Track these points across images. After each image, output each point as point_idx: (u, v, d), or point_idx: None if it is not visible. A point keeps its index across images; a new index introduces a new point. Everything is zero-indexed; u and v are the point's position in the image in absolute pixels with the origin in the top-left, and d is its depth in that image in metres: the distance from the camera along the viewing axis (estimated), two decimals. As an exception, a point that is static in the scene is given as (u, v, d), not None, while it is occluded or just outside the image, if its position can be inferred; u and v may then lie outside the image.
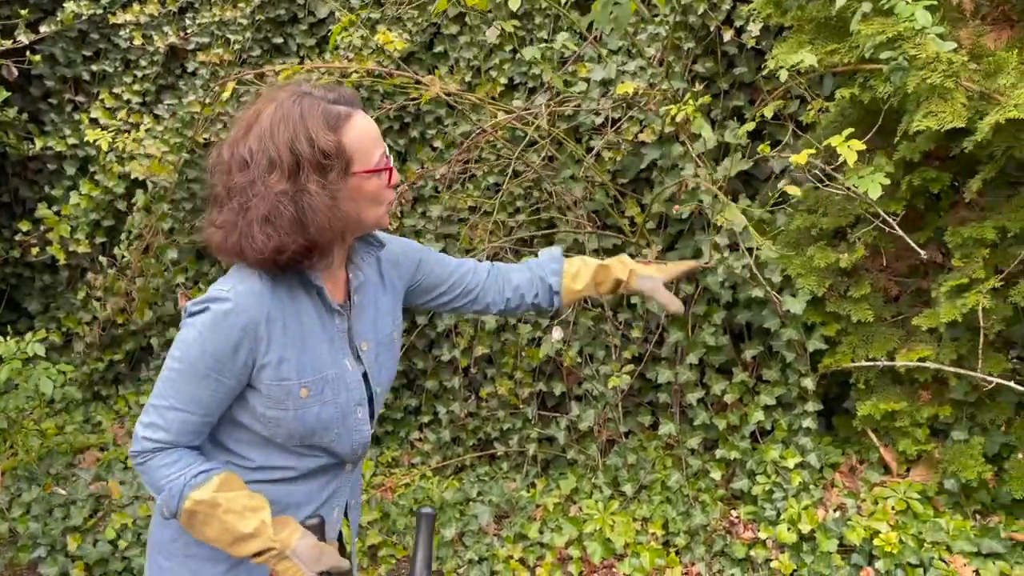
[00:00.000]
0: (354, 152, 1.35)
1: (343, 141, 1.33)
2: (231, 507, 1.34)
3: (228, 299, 1.32)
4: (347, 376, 1.45)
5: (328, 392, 1.42)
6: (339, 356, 1.45)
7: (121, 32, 4.16)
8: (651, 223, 3.22)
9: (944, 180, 2.58)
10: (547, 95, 3.31)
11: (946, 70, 2.11)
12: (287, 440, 1.41)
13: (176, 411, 1.35)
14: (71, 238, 4.14)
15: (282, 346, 1.36)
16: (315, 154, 1.31)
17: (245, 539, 1.34)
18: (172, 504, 1.34)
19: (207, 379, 1.33)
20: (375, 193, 1.39)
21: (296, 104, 1.34)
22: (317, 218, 1.31)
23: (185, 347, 1.33)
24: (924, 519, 2.67)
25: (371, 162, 1.37)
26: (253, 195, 1.31)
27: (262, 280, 1.36)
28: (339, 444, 1.46)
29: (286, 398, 1.37)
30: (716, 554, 2.89)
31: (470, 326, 3.45)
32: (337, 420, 1.44)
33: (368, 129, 1.39)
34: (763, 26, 3.01)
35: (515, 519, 3.11)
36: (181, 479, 1.34)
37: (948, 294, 2.58)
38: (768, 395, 3.04)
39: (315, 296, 1.43)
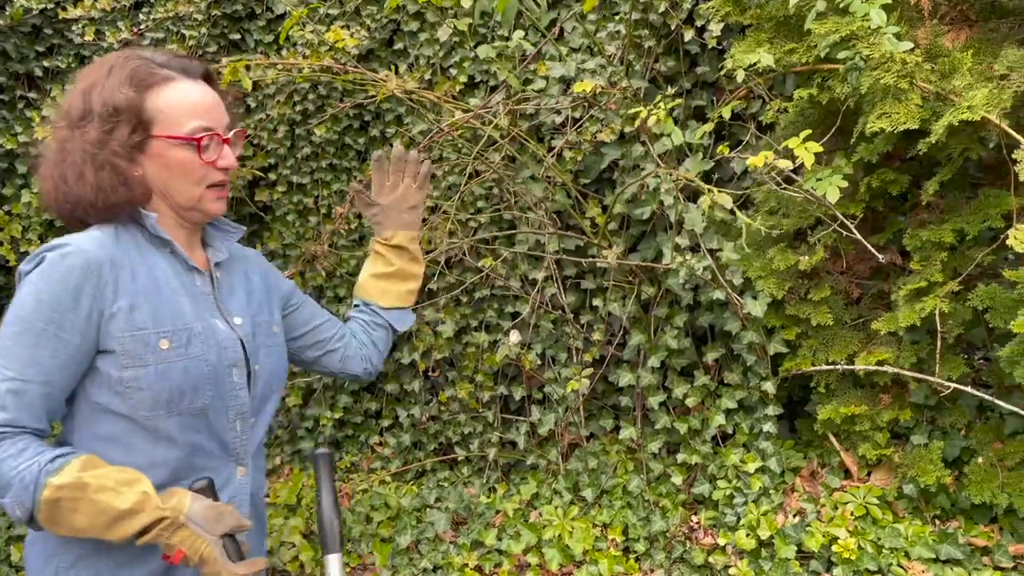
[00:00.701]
0: (157, 114, 1.30)
1: (145, 100, 1.30)
2: (103, 484, 1.18)
3: (65, 244, 1.25)
4: (217, 333, 1.36)
5: (196, 345, 1.31)
6: (205, 313, 1.37)
7: (74, 27, 4.05)
8: (613, 224, 3.17)
9: (903, 182, 2.55)
10: (504, 93, 3.25)
11: (900, 70, 2.07)
12: (151, 410, 1.26)
13: (11, 381, 1.19)
14: (23, 238, 4.03)
15: (132, 293, 1.27)
16: (104, 106, 1.27)
17: (126, 517, 1.18)
18: (27, 499, 1.16)
19: (45, 335, 1.20)
20: (182, 165, 1.33)
21: (114, 60, 1.32)
22: (74, 164, 1.27)
23: (17, 306, 1.22)
24: (883, 524, 2.64)
25: (179, 130, 1.31)
26: (54, 142, 1.32)
27: (103, 230, 1.30)
28: (213, 409, 1.33)
29: (144, 351, 1.25)
30: (676, 560, 2.85)
31: (429, 330, 3.39)
32: (208, 379, 1.32)
33: (190, 98, 1.33)
34: (724, 25, 2.96)
35: (472, 525, 3.06)
36: (34, 466, 1.17)
37: (907, 297, 2.55)
38: (729, 398, 3.00)
39: (168, 254, 1.36)
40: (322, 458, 1.51)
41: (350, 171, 3.68)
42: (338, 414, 3.62)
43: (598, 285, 3.23)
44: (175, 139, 1.31)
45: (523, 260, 3.28)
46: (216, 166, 1.35)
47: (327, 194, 3.70)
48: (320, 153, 3.69)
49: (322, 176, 3.69)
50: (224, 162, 1.36)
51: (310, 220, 3.72)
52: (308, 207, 3.75)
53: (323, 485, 1.48)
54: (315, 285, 3.62)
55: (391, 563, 2.94)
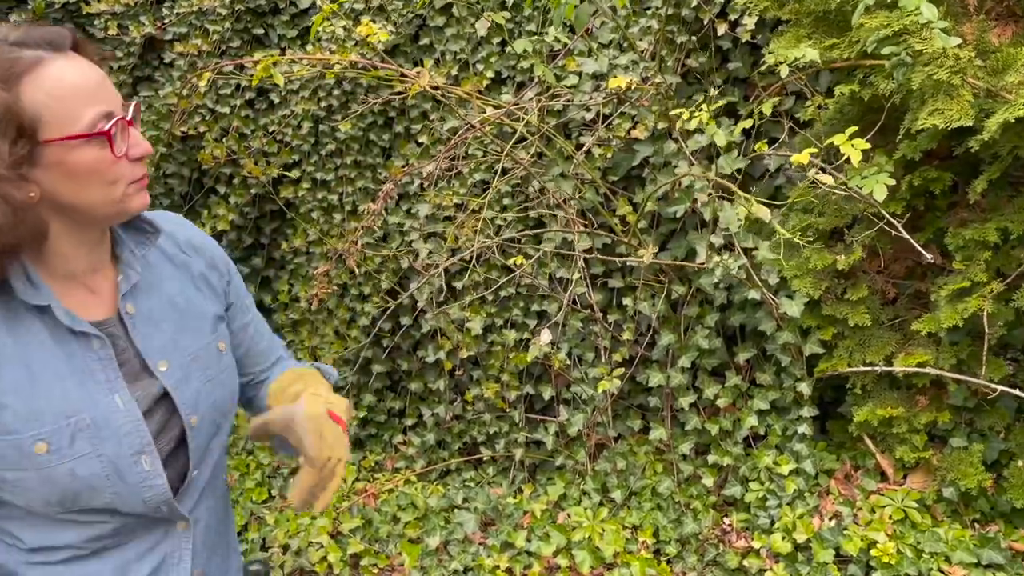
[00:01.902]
0: (42, 113, 0.98)
1: (20, 97, 0.97)
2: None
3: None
4: (114, 419, 1.08)
5: (81, 443, 1.05)
6: (99, 394, 1.08)
7: (96, 22, 4.02)
8: (643, 222, 3.13)
9: (945, 180, 2.51)
10: (537, 89, 3.21)
11: (953, 66, 2.03)
12: (45, 507, 1.06)
13: None
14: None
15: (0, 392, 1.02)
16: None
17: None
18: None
19: None
20: (92, 168, 1.02)
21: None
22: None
23: None
24: (922, 528, 2.60)
25: (75, 125, 1.00)
26: None
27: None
28: (123, 504, 1.10)
29: (18, 456, 1.02)
30: (709, 563, 2.81)
31: (455, 328, 3.35)
32: (107, 476, 1.07)
33: (71, 80, 1.00)
34: (759, 20, 2.92)
35: (501, 527, 3.02)
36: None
37: (949, 298, 2.50)
38: (762, 399, 2.96)
39: (42, 318, 1.06)
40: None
41: (374, 167, 3.65)
42: (362, 413, 3.59)
43: (627, 284, 3.19)
44: (75, 139, 1.00)
45: (552, 258, 3.24)
46: (129, 158, 1.06)
47: (351, 191, 3.66)
48: (344, 150, 3.66)
49: (346, 173, 3.66)
50: (137, 150, 1.07)
51: (335, 217, 3.69)
52: (332, 204, 3.71)
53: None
54: (340, 283, 3.59)
55: (420, 564, 2.91)
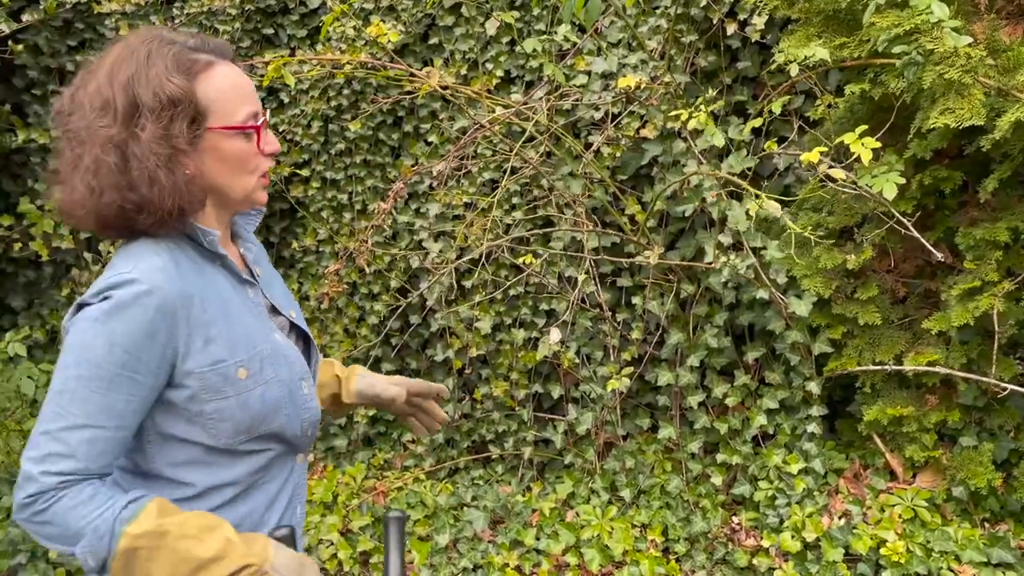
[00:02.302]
0: (210, 104, 1.19)
1: (196, 90, 1.17)
2: (184, 531, 1.12)
3: (134, 280, 1.12)
4: (282, 349, 1.29)
5: (268, 369, 1.24)
6: (266, 330, 1.28)
7: (106, 22, 4.05)
8: (652, 221, 3.13)
9: (955, 179, 2.51)
10: (546, 89, 3.22)
11: (964, 65, 2.03)
12: (233, 437, 1.21)
13: (82, 429, 1.10)
14: (55, 233, 4.03)
15: (205, 324, 1.17)
16: (156, 98, 1.14)
17: (208, 566, 1.11)
18: (101, 548, 1.09)
19: (118, 380, 1.11)
20: (240, 157, 1.22)
21: (145, 45, 1.17)
22: (146, 169, 1.13)
23: (83, 348, 1.10)
24: (932, 527, 2.60)
25: (233, 119, 1.21)
26: (87, 140, 1.15)
27: (161, 256, 1.17)
28: (289, 427, 1.28)
29: (223, 384, 1.18)
30: (718, 562, 2.82)
31: (464, 327, 3.36)
32: (285, 399, 1.26)
33: (234, 82, 1.22)
34: (768, 19, 2.92)
35: (510, 525, 3.03)
36: (108, 514, 1.10)
37: (959, 297, 2.50)
38: (771, 398, 2.96)
39: (220, 267, 1.26)
40: (394, 522, 1.42)
41: (384, 167, 3.66)
42: (371, 411, 3.61)
43: (636, 283, 3.20)
44: (232, 129, 1.20)
45: (560, 257, 3.25)
46: (265, 153, 1.26)
47: (361, 190, 3.68)
48: (354, 149, 3.67)
49: (356, 172, 3.67)
50: (271, 147, 1.26)
51: (344, 216, 3.70)
52: (342, 203, 3.73)
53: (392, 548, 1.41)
54: (349, 281, 3.60)
55: (430, 562, 2.92)
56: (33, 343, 4.25)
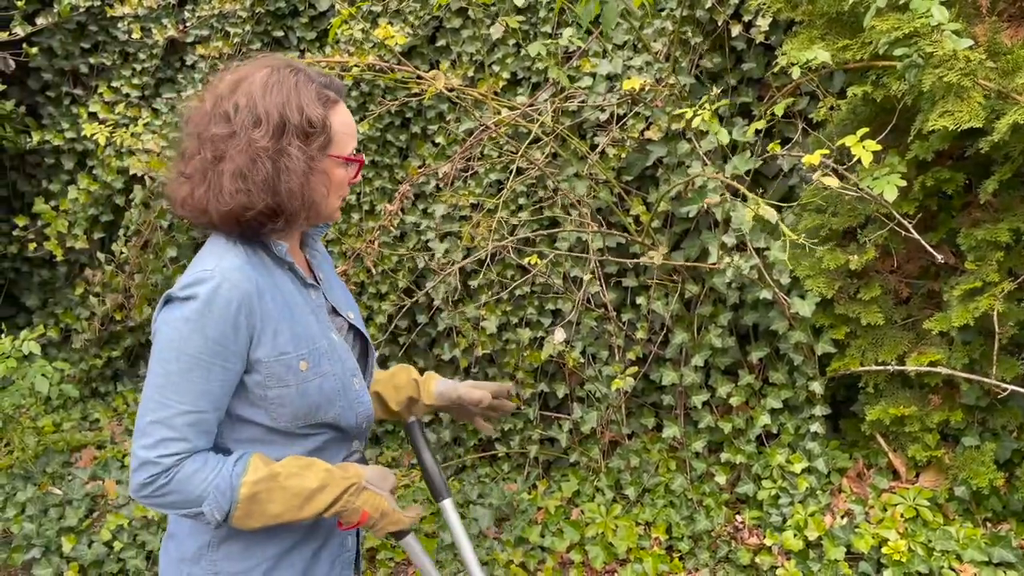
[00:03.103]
0: (335, 134, 1.36)
1: (329, 120, 1.35)
2: (289, 471, 1.31)
3: (215, 277, 1.27)
4: (338, 348, 1.43)
5: (325, 364, 1.39)
6: (326, 329, 1.43)
7: (119, 24, 4.10)
8: (656, 222, 3.16)
9: (958, 180, 2.52)
10: (551, 91, 3.25)
11: (963, 68, 2.04)
12: (291, 421, 1.36)
13: (189, 414, 1.27)
14: (69, 233, 4.08)
15: (274, 319, 1.32)
16: (303, 121, 1.31)
17: (316, 494, 1.32)
18: (224, 502, 1.27)
19: (213, 369, 1.27)
20: (341, 182, 1.40)
21: (292, 75, 1.34)
22: (291, 181, 1.30)
23: (180, 341, 1.26)
24: (934, 527, 2.62)
25: (346, 150, 1.39)
26: (231, 147, 1.29)
27: (239, 255, 1.32)
28: (343, 418, 1.43)
29: (286, 373, 1.33)
30: (721, 560, 2.84)
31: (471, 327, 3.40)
32: (339, 392, 1.41)
33: (349, 120, 1.41)
34: (772, 21, 2.94)
35: (516, 522, 3.06)
36: (224, 472, 1.28)
37: (960, 297, 2.52)
38: (775, 398, 2.98)
39: (287, 271, 1.41)
40: (413, 425, 1.67)
41: (391, 168, 3.70)
42: (379, 409, 3.64)
43: (641, 283, 3.22)
44: (344, 159, 1.38)
45: (566, 258, 3.28)
46: (351, 182, 1.44)
47: (369, 191, 3.71)
48: (362, 150, 3.71)
49: (364, 173, 3.71)
50: (357, 179, 1.45)
51: (352, 217, 3.74)
52: (350, 203, 3.77)
53: (420, 446, 1.65)
54: (357, 282, 3.64)
55: (436, 558, 2.96)
56: (47, 341, 4.32)
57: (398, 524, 1.42)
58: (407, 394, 1.70)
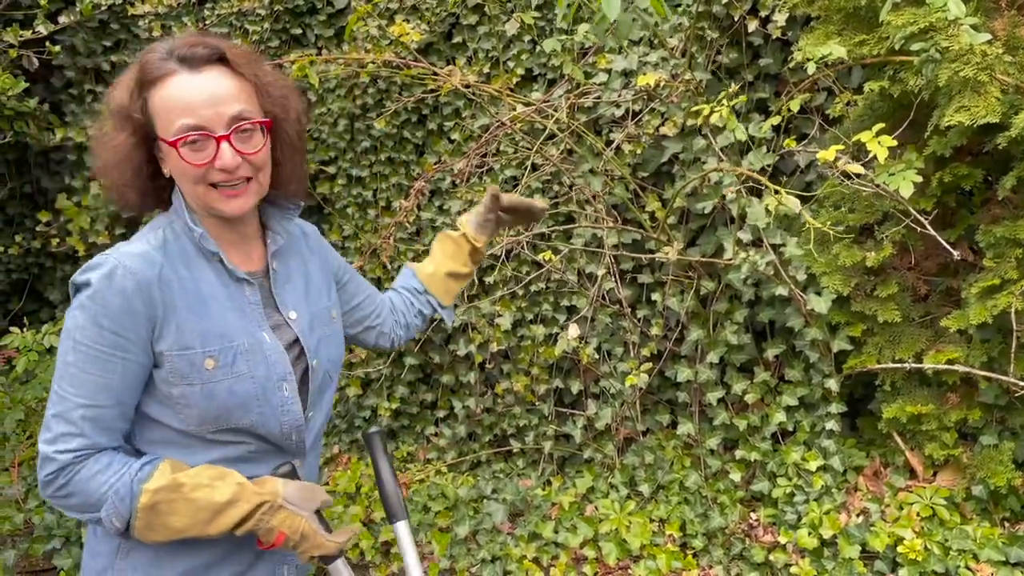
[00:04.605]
0: (155, 115, 1.22)
1: (148, 100, 1.22)
2: (197, 482, 1.21)
3: (110, 262, 1.19)
4: (264, 348, 1.30)
5: (241, 364, 1.26)
6: (252, 327, 1.31)
7: (140, 23, 4.15)
8: (672, 218, 3.15)
9: (976, 176, 2.49)
10: (567, 87, 3.25)
11: (980, 63, 2.02)
12: (200, 425, 1.25)
13: (85, 408, 1.18)
14: (91, 229, 4.14)
15: (179, 310, 1.23)
16: (113, 106, 1.25)
17: (225, 509, 1.21)
18: (123, 509, 1.17)
19: (112, 359, 1.18)
20: (181, 168, 1.23)
21: (144, 53, 1.25)
22: (102, 161, 1.27)
23: (76, 331, 1.18)
24: (951, 526, 2.59)
25: (168, 131, 1.21)
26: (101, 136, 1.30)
27: (151, 243, 1.25)
28: (263, 426, 1.30)
29: (190, 370, 1.22)
30: (734, 557, 2.83)
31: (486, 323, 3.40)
32: (256, 397, 1.28)
33: (179, 94, 1.21)
34: (789, 16, 2.92)
35: (529, 517, 3.07)
36: (125, 477, 1.18)
37: (979, 295, 2.49)
38: (790, 395, 2.97)
39: (216, 263, 1.31)
40: (374, 436, 1.56)
41: (408, 164, 3.71)
42: (395, 404, 3.67)
43: (656, 279, 3.22)
44: (164, 142, 1.23)
45: (581, 254, 3.27)
46: (214, 166, 1.23)
47: (385, 187, 3.73)
48: (379, 147, 3.73)
49: (381, 169, 3.73)
50: (221, 162, 1.23)
51: (369, 213, 3.77)
52: (367, 200, 3.79)
53: (380, 460, 1.53)
54: (373, 277, 3.66)
55: (450, 552, 2.97)
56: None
57: (321, 548, 1.30)
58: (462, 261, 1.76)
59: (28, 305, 4.68)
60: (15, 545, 3.09)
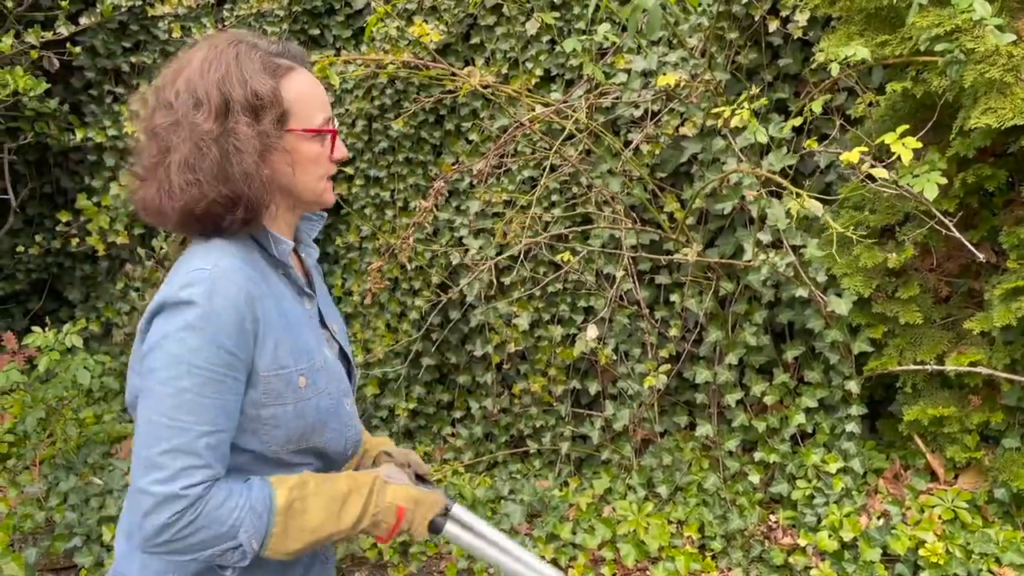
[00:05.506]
0: (292, 105, 1.22)
1: (281, 91, 1.21)
2: (316, 479, 1.21)
3: (215, 277, 1.12)
4: (333, 364, 1.31)
5: (321, 381, 1.25)
6: (320, 343, 1.30)
7: (160, 24, 4.17)
8: (691, 219, 3.14)
9: (1000, 178, 2.47)
10: (586, 87, 3.24)
11: (1006, 64, 2.01)
12: (283, 445, 1.21)
13: (208, 435, 1.11)
14: (110, 229, 4.17)
15: (273, 328, 1.18)
16: (247, 95, 1.17)
17: (348, 497, 1.21)
18: (261, 524, 1.13)
19: (227, 380, 1.12)
20: (313, 159, 1.24)
21: (232, 47, 1.20)
22: (243, 163, 1.15)
23: (188, 354, 1.09)
24: (972, 529, 2.58)
25: (312, 123, 1.24)
26: (175, 136, 1.16)
27: (235, 256, 1.17)
28: (334, 442, 1.29)
29: (285, 390, 1.19)
30: (754, 560, 2.82)
31: (503, 323, 3.41)
32: (333, 413, 1.27)
33: (312, 88, 1.26)
34: (810, 16, 2.90)
35: (547, 518, 3.07)
36: (254, 491, 1.14)
37: (1002, 297, 2.47)
38: (810, 397, 2.95)
39: (282, 276, 1.27)
40: None
41: (425, 165, 3.72)
42: (412, 404, 3.67)
43: (674, 280, 3.21)
44: (310, 132, 1.23)
45: (599, 255, 3.27)
46: (333, 159, 1.29)
47: (403, 188, 3.74)
48: (397, 147, 3.74)
49: (398, 170, 3.74)
50: (340, 153, 1.30)
51: (386, 213, 3.78)
52: (385, 200, 3.80)
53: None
54: (391, 277, 3.67)
55: (467, 553, 2.97)
56: (89, 335, 4.41)
57: (437, 504, 1.31)
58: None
59: (48, 304, 4.72)
60: (36, 543, 3.11)
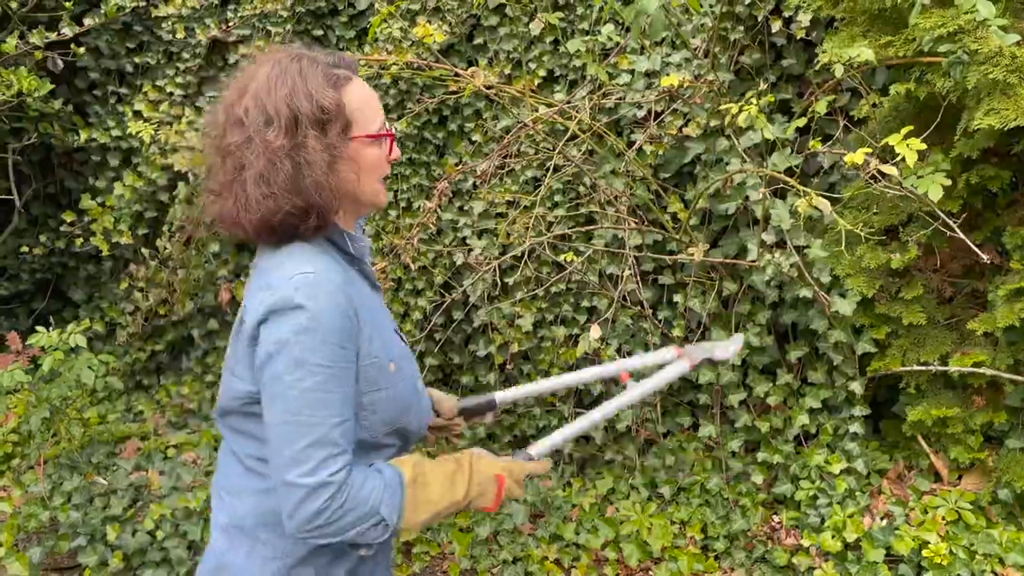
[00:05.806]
0: (354, 114, 1.29)
1: (343, 101, 1.28)
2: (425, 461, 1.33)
3: (318, 280, 1.22)
4: (405, 349, 1.43)
5: (405, 366, 1.37)
6: (394, 330, 1.43)
7: (164, 25, 4.18)
8: (694, 219, 3.14)
9: (1003, 178, 2.47)
10: (589, 87, 3.25)
11: (1009, 65, 2.01)
12: (377, 428, 1.32)
13: (339, 425, 1.22)
14: (114, 229, 4.18)
15: (368, 321, 1.29)
16: (314, 110, 1.24)
17: (455, 473, 1.33)
18: (396, 498, 1.25)
19: (346, 372, 1.23)
20: (374, 163, 1.33)
21: (295, 62, 1.28)
22: (315, 175, 1.24)
23: (308, 355, 1.19)
24: (976, 530, 2.57)
25: (371, 128, 1.32)
26: (249, 153, 1.24)
27: (322, 256, 1.28)
28: (415, 422, 1.41)
29: (379, 377, 1.29)
30: (757, 560, 2.82)
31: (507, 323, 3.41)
32: (415, 394, 1.40)
33: (369, 95, 1.34)
34: (813, 17, 2.90)
35: (550, 519, 3.07)
36: (387, 474, 1.27)
37: (1006, 297, 2.47)
38: (813, 398, 2.95)
39: (358, 272, 1.37)
40: None
41: (429, 165, 3.72)
42: (415, 405, 3.67)
43: (678, 280, 3.21)
44: (371, 138, 1.31)
45: (602, 255, 3.27)
46: (390, 159, 1.37)
47: (406, 188, 3.75)
48: (400, 148, 3.74)
49: (401, 170, 3.74)
50: (395, 155, 1.38)
51: (390, 214, 3.78)
52: (388, 201, 3.80)
53: None
54: (395, 277, 3.67)
55: (471, 553, 2.98)
56: (93, 335, 4.43)
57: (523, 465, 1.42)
58: None
59: (52, 304, 4.73)
60: (40, 542, 3.12)
